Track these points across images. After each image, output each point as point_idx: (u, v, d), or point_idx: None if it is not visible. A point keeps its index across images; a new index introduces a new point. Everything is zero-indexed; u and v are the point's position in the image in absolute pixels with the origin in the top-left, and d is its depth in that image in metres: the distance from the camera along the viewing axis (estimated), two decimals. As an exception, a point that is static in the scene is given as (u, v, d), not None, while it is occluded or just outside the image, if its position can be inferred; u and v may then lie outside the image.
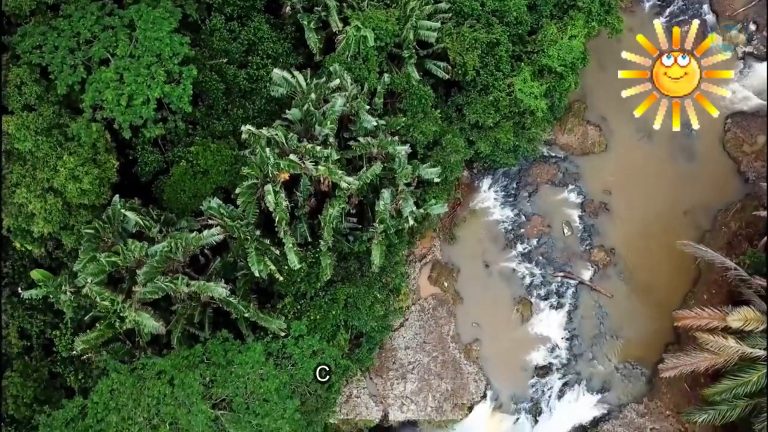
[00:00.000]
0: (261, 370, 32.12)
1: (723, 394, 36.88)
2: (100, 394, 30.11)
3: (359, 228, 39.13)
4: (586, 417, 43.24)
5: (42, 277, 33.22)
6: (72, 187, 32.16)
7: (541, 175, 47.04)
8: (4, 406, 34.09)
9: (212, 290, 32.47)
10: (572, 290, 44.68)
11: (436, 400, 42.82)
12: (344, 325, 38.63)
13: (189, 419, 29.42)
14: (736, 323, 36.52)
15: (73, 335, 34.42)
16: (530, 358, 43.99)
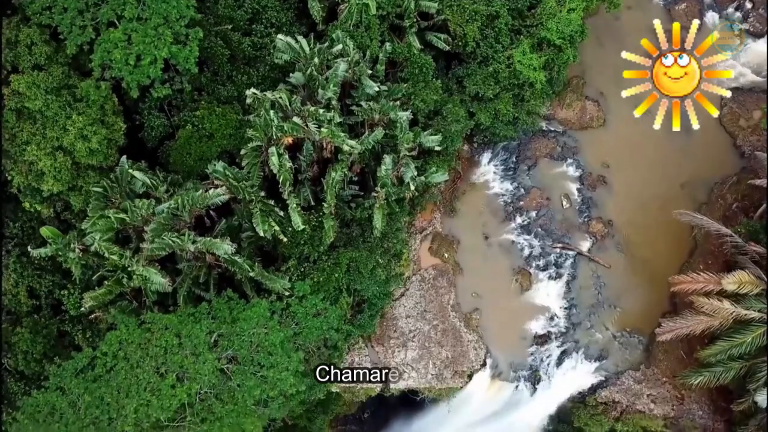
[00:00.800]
0: (265, 326, 32.69)
1: (718, 355, 37.50)
2: (109, 345, 30.85)
3: (361, 195, 39.76)
4: (585, 384, 43.75)
5: (51, 235, 33.92)
6: (81, 147, 32.93)
7: (540, 149, 47.78)
8: (14, 361, 34.73)
9: (218, 247, 33.16)
10: (570, 261, 45.30)
11: (437, 368, 43.35)
12: (346, 289, 39.32)
13: (196, 368, 30.12)
14: (731, 286, 37.18)
15: (81, 294, 35.00)
16: (529, 327, 44.59)
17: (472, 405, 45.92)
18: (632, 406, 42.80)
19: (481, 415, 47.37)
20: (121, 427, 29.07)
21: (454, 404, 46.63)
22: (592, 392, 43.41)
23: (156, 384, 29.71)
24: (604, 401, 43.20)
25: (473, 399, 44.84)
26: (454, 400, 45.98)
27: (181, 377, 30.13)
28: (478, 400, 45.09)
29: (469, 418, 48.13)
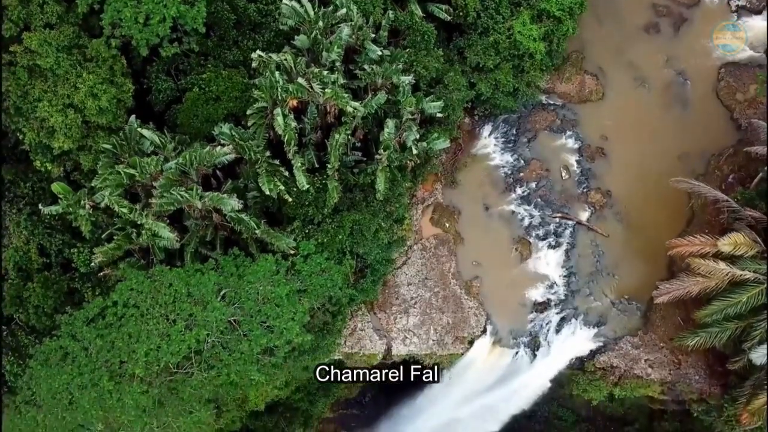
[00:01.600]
0: (272, 279, 33.68)
1: (714, 315, 38.30)
2: (120, 294, 31.85)
3: (364, 161, 40.74)
4: (583, 350, 44.49)
5: (62, 191, 34.86)
6: (91, 104, 33.95)
7: (539, 122, 48.80)
8: (25, 316, 35.70)
9: (225, 203, 34.13)
10: (570, 230, 46.19)
11: (438, 333, 44.21)
12: (350, 252, 40.20)
13: (204, 315, 31.08)
14: (726, 248, 38.09)
15: (91, 251, 35.97)
16: (529, 294, 45.40)
17: (472, 374, 46.55)
18: (630, 371, 43.46)
19: (482, 384, 48.22)
20: (132, 369, 29.99)
21: (455, 374, 47.24)
22: (591, 358, 44.10)
23: (165, 330, 30.67)
24: (602, 366, 43.87)
25: (474, 366, 45.42)
26: (455, 370, 46.52)
27: (190, 325, 30.97)
28: (478, 367, 45.71)
29: (471, 389, 49.02)
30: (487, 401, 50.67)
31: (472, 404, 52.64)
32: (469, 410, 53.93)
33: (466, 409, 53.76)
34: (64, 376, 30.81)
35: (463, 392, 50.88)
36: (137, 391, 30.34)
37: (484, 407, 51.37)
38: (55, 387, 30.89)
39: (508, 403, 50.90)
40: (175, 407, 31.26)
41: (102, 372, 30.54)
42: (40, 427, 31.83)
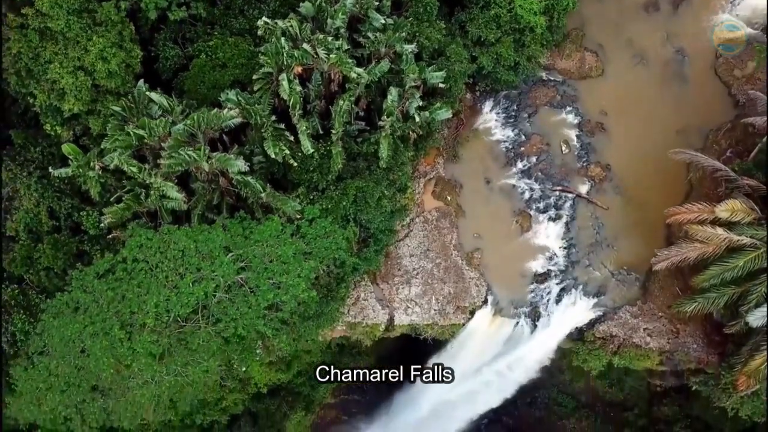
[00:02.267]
0: (278, 238, 34.61)
1: (711, 280, 39.04)
2: (130, 249, 32.82)
3: (368, 130, 41.70)
4: (583, 319, 45.19)
5: (72, 152, 35.81)
6: (101, 67, 34.97)
7: (540, 98, 49.77)
8: (36, 277, 36.64)
9: (231, 164, 35.08)
10: (570, 203, 47.05)
11: (440, 303, 45.06)
12: (353, 219, 41.10)
13: (212, 269, 32.00)
14: (724, 214, 38.92)
15: (100, 213, 36.92)
16: (529, 266, 46.21)
17: (474, 346, 47.34)
18: (629, 340, 44.24)
19: (483, 358, 49.05)
20: (142, 320, 30.91)
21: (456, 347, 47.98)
22: (591, 327, 44.84)
23: (175, 282, 31.59)
24: (602, 336, 44.62)
25: (475, 337, 46.20)
26: (456, 343, 47.23)
27: (198, 279, 31.92)
28: (479, 338, 46.46)
29: (471, 364, 49.85)
30: (487, 377, 51.14)
31: (473, 381, 53.27)
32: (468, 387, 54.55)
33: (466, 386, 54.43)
34: (76, 325, 31.73)
35: (463, 369, 51.54)
36: (147, 340, 31.23)
37: (483, 384, 51.90)
38: (68, 335, 31.83)
39: (508, 378, 51.29)
40: (184, 357, 32.16)
41: (113, 321, 31.46)
42: (53, 375, 32.70)
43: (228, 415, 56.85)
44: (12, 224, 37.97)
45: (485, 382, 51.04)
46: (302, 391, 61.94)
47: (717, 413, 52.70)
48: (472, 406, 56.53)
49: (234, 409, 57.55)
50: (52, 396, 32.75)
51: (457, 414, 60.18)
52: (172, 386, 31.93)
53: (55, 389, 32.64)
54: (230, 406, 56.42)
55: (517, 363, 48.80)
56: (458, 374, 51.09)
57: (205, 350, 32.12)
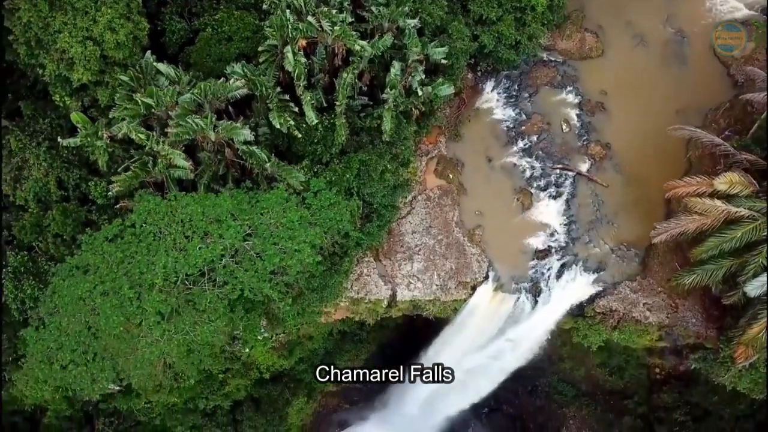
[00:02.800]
0: (284, 206, 35.45)
1: (710, 251, 39.74)
2: (138, 213, 33.68)
3: (371, 105, 42.57)
4: (583, 295, 45.90)
5: (81, 121, 36.61)
6: (109, 38, 35.82)
7: (540, 78, 50.66)
8: (44, 245, 37.48)
9: (238, 133, 35.92)
10: (570, 181, 47.83)
11: (441, 279, 45.78)
12: (357, 194, 41.91)
13: (220, 233, 32.85)
14: (722, 186, 39.72)
15: (108, 183, 37.78)
16: (530, 242, 46.95)
17: (475, 323, 48.02)
18: (629, 314, 44.92)
19: (486, 334, 49.78)
20: (151, 280, 31.74)
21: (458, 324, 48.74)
22: (591, 302, 45.45)
23: (182, 245, 32.43)
24: (602, 311, 45.33)
25: (477, 313, 46.88)
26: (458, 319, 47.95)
27: (206, 240, 32.74)
28: (481, 314, 47.15)
29: (474, 341, 50.59)
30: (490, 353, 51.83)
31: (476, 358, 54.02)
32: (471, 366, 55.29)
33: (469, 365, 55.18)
34: (86, 284, 32.58)
35: (465, 347, 52.30)
36: (156, 300, 32.07)
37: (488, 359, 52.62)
38: (78, 294, 32.67)
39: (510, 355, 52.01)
40: (191, 317, 32.96)
41: (123, 281, 32.30)
42: (63, 335, 33.49)
43: (230, 401, 57.43)
44: (21, 193, 38.84)
45: (488, 358, 51.22)
46: (304, 378, 62.56)
47: (716, 399, 53.97)
48: (474, 385, 56.94)
49: (236, 394, 58.24)
50: (62, 355, 33.54)
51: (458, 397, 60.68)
52: (180, 344, 32.64)
53: (65, 349, 33.43)
54: (233, 391, 57.14)
55: (519, 340, 49.10)
56: (461, 352, 52.00)
57: (212, 311, 32.86)
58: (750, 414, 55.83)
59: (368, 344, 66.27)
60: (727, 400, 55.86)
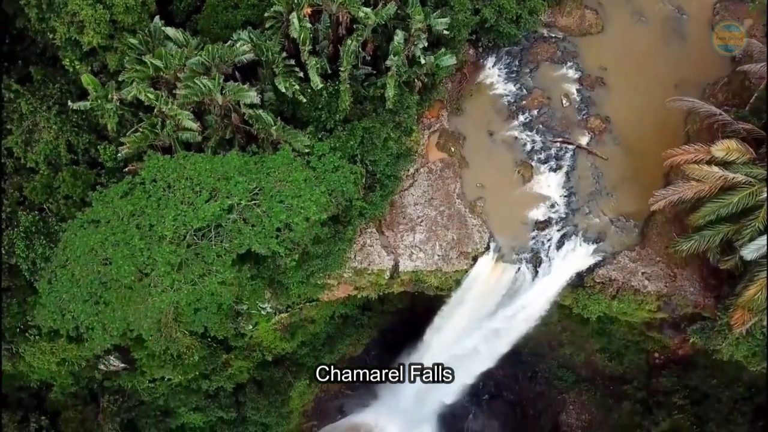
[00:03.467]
0: (289, 165, 36.55)
1: (707, 216, 40.74)
2: (148, 170, 34.77)
3: (374, 74, 43.67)
4: (583, 265, 46.89)
5: (91, 83, 37.68)
6: (119, 1, 36.88)
7: (541, 54, 51.78)
8: (55, 206, 38.54)
9: (244, 94, 37.00)
10: (570, 154, 48.83)
11: (443, 249, 46.79)
12: (360, 161, 42.95)
13: (228, 188, 33.92)
14: (719, 153, 40.76)
15: (117, 146, 38.87)
16: (530, 214, 47.91)
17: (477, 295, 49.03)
18: (628, 283, 45.88)
19: (487, 306, 50.81)
20: (161, 231, 32.82)
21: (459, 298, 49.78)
22: (590, 272, 46.37)
23: (191, 199, 33.49)
24: (601, 280, 46.30)
25: (478, 284, 47.88)
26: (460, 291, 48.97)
27: (214, 195, 33.85)
28: (482, 285, 48.13)
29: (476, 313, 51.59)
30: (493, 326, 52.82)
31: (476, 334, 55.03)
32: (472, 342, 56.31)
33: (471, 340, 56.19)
34: (98, 236, 33.71)
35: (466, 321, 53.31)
36: (166, 251, 33.15)
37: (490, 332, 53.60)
38: (90, 245, 33.73)
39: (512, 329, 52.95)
40: (200, 268, 34.01)
41: (133, 232, 33.41)
42: (75, 286, 34.53)
43: (233, 383, 58.29)
44: (32, 156, 39.94)
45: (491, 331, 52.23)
46: (306, 362, 63.37)
47: (715, 383, 55.19)
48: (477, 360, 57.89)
49: (239, 377, 59.14)
50: (75, 305, 34.56)
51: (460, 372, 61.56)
52: (189, 294, 33.67)
53: (78, 299, 34.49)
54: (235, 373, 58.08)
55: (520, 312, 50.05)
56: (461, 327, 52.94)
57: (220, 264, 33.90)
58: (748, 397, 56.95)
59: (369, 329, 67.11)
60: (726, 383, 57.01)
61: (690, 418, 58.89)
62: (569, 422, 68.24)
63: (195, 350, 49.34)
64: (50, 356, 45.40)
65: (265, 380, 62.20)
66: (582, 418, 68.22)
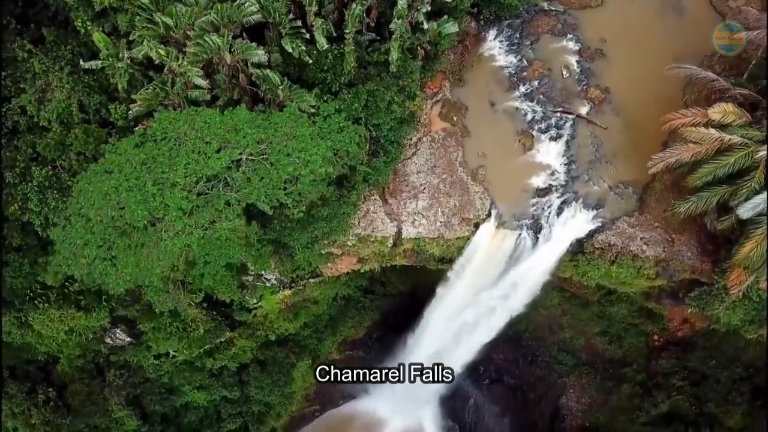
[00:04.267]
0: (296, 122, 37.94)
1: (704, 177, 42.05)
2: (159, 122, 36.10)
3: (378, 40, 45.09)
4: (583, 230, 48.01)
5: (102, 41, 39.01)
6: (128, -37, 38.30)
7: (541, 27, 53.23)
8: (68, 163, 39.91)
9: (252, 53, 38.36)
10: (570, 123, 50.07)
11: (445, 215, 47.99)
12: (365, 124, 44.31)
13: (237, 140, 35.30)
14: (716, 115, 42.05)
15: (128, 105, 40.24)
16: (531, 181, 49.05)
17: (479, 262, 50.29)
18: (627, 248, 46.96)
19: (489, 275, 52.10)
20: (173, 179, 34.14)
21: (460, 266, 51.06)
22: (590, 237, 47.53)
23: (202, 149, 34.87)
24: (600, 246, 47.44)
25: (480, 251, 49.15)
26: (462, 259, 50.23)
27: (224, 146, 35.23)
28: (483, 252, 49.40)
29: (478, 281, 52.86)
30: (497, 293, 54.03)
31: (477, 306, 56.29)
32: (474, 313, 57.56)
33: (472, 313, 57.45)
34: (112, 182, 35.04)
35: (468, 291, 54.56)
36: (178, 196, 34.48)
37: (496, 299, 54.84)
38: (105, 190, 35.06)
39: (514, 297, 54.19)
40: (211, 215, 35.33)
41: (146, 178, 34.75)
42: (89, 232, 35.87)
43: (237, 363, 59.45)
44: (45, 114, 41.31)
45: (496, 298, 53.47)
46: (309, 344, 64.54)
47: (713, 363, 56.49)
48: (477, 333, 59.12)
49: (243, 356, 60.32)
50: (89, 250, 35.87)
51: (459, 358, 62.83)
52: (201, 238, 35.00)
53: (92, 245, 35.80)
54: (239, 353, 59.24)
55: (521, 280, 51.29)
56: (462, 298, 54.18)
57: (230, 212, 35.23)
58: (746, 377, 58.22)
59: (371, 312, 68.28)
60: (724, 364, 58.29)
61: (689, 399, 60.32)
62: (569, 405, 69.20)
63: (200, 323, 50.59)
64: (59, 324, 46.64)
65: (268, 360, 63.24)
66: (582, 401, 69.11)
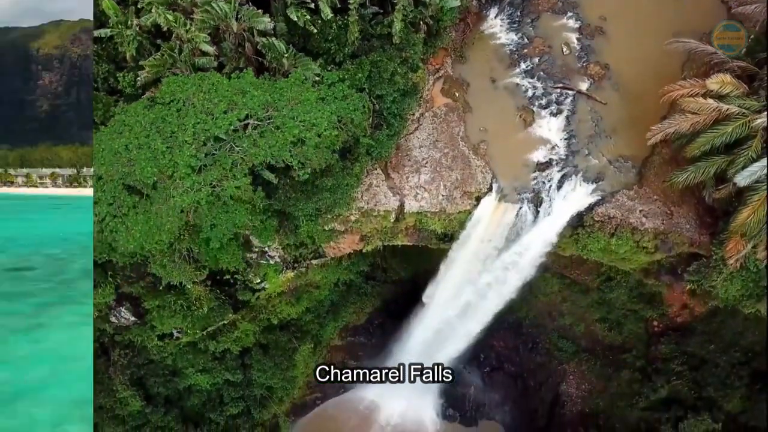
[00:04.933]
0: (301, 87, 39.10)
1: (702, 147, 43.20)
2: (168, 84, 37.23)
3: (381, 13, 46.29)
4: (583, 204, 49.07)
5: (111, 8, 40.16)
6: (138, -62, 39.44)
7: (542, 5, 54.36)
8: (74, 128, 40.99)
9: (258, 20, 39.48)
10: (570, 99, 51.17)
11: (447, 189, 49.08)
12: (368, 95, 45.46)
13: (244, 101, 36.45)
14: (714, 86, 43.22)
15: (136, 73, 41.39)
16: (532, 156, 50.13)
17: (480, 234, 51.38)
18: (626, 221, 48.00)
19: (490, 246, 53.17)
20: (182, 138, 35.27)
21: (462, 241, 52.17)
22: (590, 211, 48.62)
23: (210, 109, 36.01)
24: (600, 219, 48.45)
25: (481, 224, 50.25)
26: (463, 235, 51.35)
27: (231, 107, 36.38)
28: (485, 225, 50.49)
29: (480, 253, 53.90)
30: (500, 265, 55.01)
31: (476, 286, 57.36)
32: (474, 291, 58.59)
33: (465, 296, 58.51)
34: (122, 140, 36.16)
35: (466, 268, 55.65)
36: (187, 154, 35.61)
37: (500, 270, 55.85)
38: (115, 148, 36.18)
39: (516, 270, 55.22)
40: (219, 173, 36.47)
41: (156, 137, 35.88)
42: (99, 190, 36.94)
43: (240, 346, 60.48)
44: (54, 81, 42.35)
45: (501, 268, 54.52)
46: (311, 329, 65.59)
47: (713, 348, 57.58)
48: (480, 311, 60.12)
49: (245, 340, 61.34)
50: (99, 208, 36.93)
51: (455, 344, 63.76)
52: (209, 195, 36.11)
53: (102, 203, 36.87)
54: (242, 336, 60.29)
55: (523, 253, 52.36)
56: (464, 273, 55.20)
57: (237, 171, 36.37)
58: (745, 362, 59.21)
59: (373, 298, 69.47)
60: (723, 349, 59.32)
61: (688, 383, 61.19)
62: (569, 392, 70.02)
63: (204, 300, 51.63)
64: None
65: (270, 343, 64.17)
66: (582, 387, 69.85)
